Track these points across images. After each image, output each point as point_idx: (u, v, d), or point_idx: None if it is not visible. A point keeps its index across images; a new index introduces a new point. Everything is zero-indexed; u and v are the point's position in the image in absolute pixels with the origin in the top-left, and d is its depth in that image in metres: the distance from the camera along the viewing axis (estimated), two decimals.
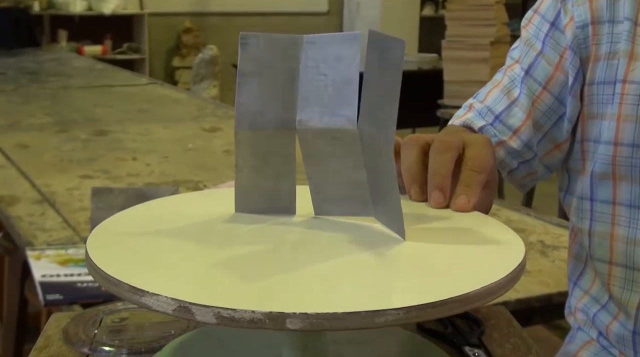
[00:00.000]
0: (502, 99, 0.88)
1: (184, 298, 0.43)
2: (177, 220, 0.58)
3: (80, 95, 3.12)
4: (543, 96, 0.86)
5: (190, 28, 6.40)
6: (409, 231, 0.54)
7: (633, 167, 0.79)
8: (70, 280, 1.17)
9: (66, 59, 4.52)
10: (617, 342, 0.85)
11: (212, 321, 0.42)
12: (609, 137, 0.80)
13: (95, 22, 6.06)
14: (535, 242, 1.40)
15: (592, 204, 0.83)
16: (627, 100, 0.79)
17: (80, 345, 0.63)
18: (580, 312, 0.90)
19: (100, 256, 0.50)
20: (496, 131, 0.87)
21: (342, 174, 0.56)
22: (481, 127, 0.87)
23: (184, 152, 2.10)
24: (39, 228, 1.43)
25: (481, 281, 0.45)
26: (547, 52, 0.86)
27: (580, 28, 0.82)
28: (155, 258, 0.51)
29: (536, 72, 0.86)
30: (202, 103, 3.07)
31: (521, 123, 0.87)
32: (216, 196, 0.69)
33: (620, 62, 0.80)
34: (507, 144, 0.87)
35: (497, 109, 0.88)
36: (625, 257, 0.81)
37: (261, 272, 0.48)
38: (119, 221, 0.58)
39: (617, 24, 0.80)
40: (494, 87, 0.90)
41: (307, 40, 0.55)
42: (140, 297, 0.44)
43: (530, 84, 0.87)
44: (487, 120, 0.88)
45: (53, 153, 2.06)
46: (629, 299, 0.81)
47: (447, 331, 0.64)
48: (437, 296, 0.43)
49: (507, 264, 0.48)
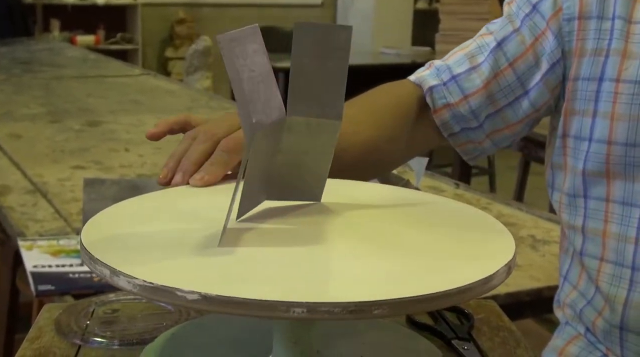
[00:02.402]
0: (464, 61, 0.88)
1: (204, 291, 0.43)
2: (170, 212, 0.58)
3: (73, 85, 3.11)
4: (507, 72, 0.86)
5: (183, 19, 6.38)
6: (400, 224, 0.54)
7: (627, 166, 0.79)
8: (62, 271, 1.18)
9: (59, 49, 4.50)
10: (603, 339, 0.85)
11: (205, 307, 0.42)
12: (602, 135, 0.80)
13: (88, 12, 6.03)
14: (525, 237, 1.41)
15: (586, 201, 0.83)
16: (621, 99, 0.79)
17: (72, 336, 0.63)
18: (568, 307, 0.91)
19: (96, 247, 0.50)
20: (446, 92, 0.88)
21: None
22: (432, 86, 0.88)
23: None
24: (31, 218, 1.43)
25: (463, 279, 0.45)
26: (523, 32, 0.85)
27: (566, 21, 0.82)
28: (149, 247, 0.51)
29: (507, 47, 0.86)
30: (195, 94, 3.06)
31: (475, 90, 0.87)
32: (211, 187, 0.69)
33: (611, 60, 0.80)
34: (455, 108, 0.88)
35: (456, 70, 0.88)
36: (616, 254, 0.81)
37: (255, 262, 0.48)
38: (114, 213, 0.58)
39: (605, 21, 0.81)
40: (459, 50, 0.90)
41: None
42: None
43: (499, 57, 0.86)
44: (443, 78, 0.88)
45: (45, 143, 2.06)
46: (616, 295, 0.82)
47: (437, 325, 0.65)
48: (421, 290, 0.43)
49: (492, 265, 0.48)
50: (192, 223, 0.56)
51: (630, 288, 0.81)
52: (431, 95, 0.89)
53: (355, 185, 0.68)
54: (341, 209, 0.59)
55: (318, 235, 0.54)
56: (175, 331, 0.63)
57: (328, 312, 0.42)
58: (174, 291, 0.43)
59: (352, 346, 0.59)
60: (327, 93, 0.55)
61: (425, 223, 0.57)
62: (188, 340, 0.61)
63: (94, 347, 0.63)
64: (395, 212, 0.57)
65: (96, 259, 0.47)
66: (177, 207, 0.60)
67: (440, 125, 0.90)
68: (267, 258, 0.49)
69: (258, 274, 0.47)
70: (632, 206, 0.80)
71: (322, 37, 0.54)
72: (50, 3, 5.93)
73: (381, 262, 0.49)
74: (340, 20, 6.93)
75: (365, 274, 0.48)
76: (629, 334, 0.82)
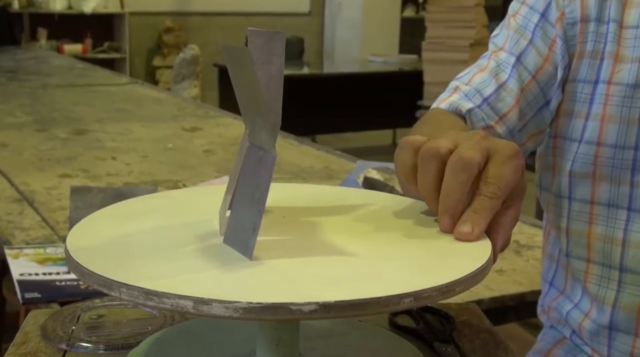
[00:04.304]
0: (490, 81, 0.86)
1: (199, 294, 0.43)
2: (154, 217, 0.59)
3: (60, 94, 3.11)
4: (531, 86, 0.85)
5: (171, 27, 6.39)
6: (383, 227, 0.55)
7: (614, 168, 0.80)
8: (49, 279, 1.18)
9: (46, 58, 4.50)
10: (590, 340, 0.86)
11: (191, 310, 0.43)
12: (592, 137, 0.81)
13: (76, 21, 6.03)
14: (510, 242, 1.42)
15: (570, 203, 0.84)
16: (612, 101, 0.80)
17: (58, 341, 0.64)
18: (553, 311, 0.92)
19: (81, 253, 0.50)
20: (484, 115, 0.85)
21: None
22: (469, 110, 0.85)
23: (164, 152, 2.10)
24: (17, 227, 1.43)
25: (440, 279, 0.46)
26: (537, 43, 0.85)
27: (570, 25, 0.83)
28: (133, 253, 0.52)
29: (526, 61, 0.85)
30: (182, 103, 3.07)
31: (509, 109, 0.85)
32: (195, 193, 0.70)
33: (605, 62, 0.81)
34: (493, 130, 0.85)
35: (486, 92, 0.85)
36: (603, 255, 0.82)
37: (240, 264, 0.49)
38: (98, 218, 0.59)
39: (602, 24, 0.82)
40: (479, 71, 0.87)
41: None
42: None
43: (521, 71, 0.85)
44: (475, 102, 0.85)
45: (32, 152, 2.06)
46: (604, 296, 0.83)
47: (418, 327, 0.66)
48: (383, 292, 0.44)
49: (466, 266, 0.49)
50: (180, 226, 0.57)
51: (618, 289, 0.82)
52: (470, 118, 0.85)
53: (320, 188, 0.69)
54: (299, 213, 0.60)
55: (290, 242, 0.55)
56: (160, 335, 0.63)
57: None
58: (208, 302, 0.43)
59: (334, 348, 0.60)
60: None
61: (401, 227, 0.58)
62: (173, 344, 0.62)
63: (79, 352, 0.63)
64: (365, 215, 0.58)
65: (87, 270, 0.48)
66: (164, 211, 0.61)
67: None
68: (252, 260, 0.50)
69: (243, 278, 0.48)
70: (618, 207, 0.81)
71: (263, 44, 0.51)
72: (37, 12, 5.93)
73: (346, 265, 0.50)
74: (328, 28, 6.96)
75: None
76: (618, 334, 0.83)
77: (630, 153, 0.79)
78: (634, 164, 0.79)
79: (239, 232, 0.51)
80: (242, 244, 0.50)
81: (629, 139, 0.79)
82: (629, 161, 0.79)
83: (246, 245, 0.50)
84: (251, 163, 0.52)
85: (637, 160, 0.79)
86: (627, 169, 0.80)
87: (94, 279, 0.47)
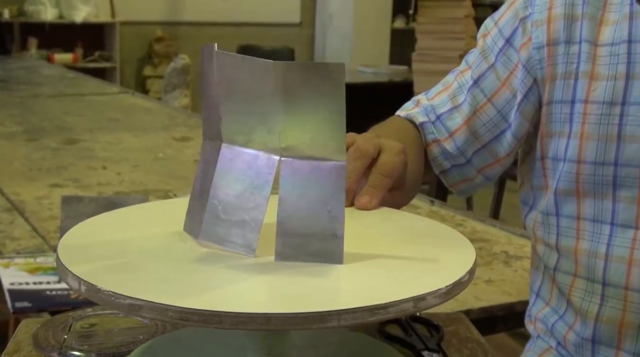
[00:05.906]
0: (447, 102, 0.93)
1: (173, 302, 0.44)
2: (145, 226, 0.59)
3: (51, 103, 3.11)
4: (486, 108, 0.90)
5: (162, 37, 6.39)
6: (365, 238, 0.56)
7: (595, 184, 0.82)
8: (39, 288, 1.18)
9: (36, 67, 4.49)
10: (574, 352, 0.87)
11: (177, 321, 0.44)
12: (573, 155, 0.83)
13: (66, 30, 6.02)
14: (499, 253, 1.43)
15: (558, 219, 0.85)
16: (590, 120, 0.81)
17: (50, 350, 0.64)
18: (539, 322, 0.93)
19: (72, 261, 0.51)
20: (435, 130, 0.93)
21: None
22: (422, 123, 0.93)
23: (155, 161, 2.11)
24: (8, 237, 1.43)
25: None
26: (498, 67, 0.89)
27: (536, 49, 0.85)
28: (125, 262, 0.52)
29: (484, 84, 0.90)
30: (173, 112, 3.07)
31: (457, 127, 0.91)
32: (185, 203, 0.70)
33: (580, 82, 0.82)
34: (442, 145, 0.93)
35: (440, 111, 0.93)
36: (587, 269, 0.83)
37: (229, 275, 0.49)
38: (89, 226, 0.59)
39: (572, 45, 0.83)
40: (443, 90, 0.95)
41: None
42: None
43: (476, 94, 0.90)
44: (430, 118, 0.94)
45: (22, 161, 2.06)
46: (587, 309, 0.84)
47: (407, 336, 0.66)
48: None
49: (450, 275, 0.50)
50: (171, 235, 0.57)
51: (601, 303, 0.83)
52: (422, 131, 0.94)
53: None
54: None
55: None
56: (151, 344, 0.64)
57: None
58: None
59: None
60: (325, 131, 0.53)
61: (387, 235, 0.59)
62: (164, 353, 0.62)
63: None
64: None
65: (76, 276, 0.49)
66: (155, 220, 0.62)
67: (431, 160, 0.94)
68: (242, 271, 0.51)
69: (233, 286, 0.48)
70: (602, 223, 0.82)
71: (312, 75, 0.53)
72: (28, 21, 5.91)
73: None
74: (319, 39, 6.97)
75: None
76: (601, 347, 0.84)
77: (610, 169, 0.80)
78: (614, 179, 0.80)
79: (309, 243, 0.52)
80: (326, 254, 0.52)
81: (608, 156, 0.80)
82: (609, 177, 0.81)
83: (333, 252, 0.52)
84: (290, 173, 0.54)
85: (617, 176, 0.80)
86: (609, 185, 0.81)
87: (84, 287, 0.48)
